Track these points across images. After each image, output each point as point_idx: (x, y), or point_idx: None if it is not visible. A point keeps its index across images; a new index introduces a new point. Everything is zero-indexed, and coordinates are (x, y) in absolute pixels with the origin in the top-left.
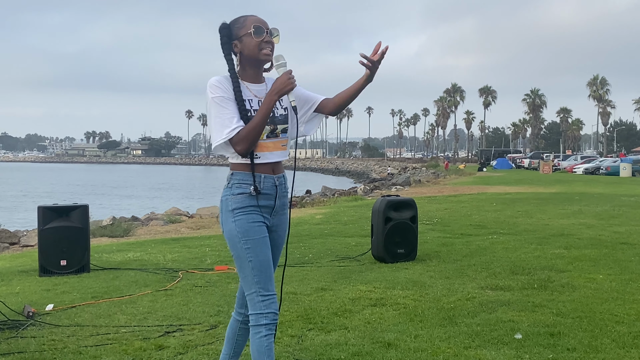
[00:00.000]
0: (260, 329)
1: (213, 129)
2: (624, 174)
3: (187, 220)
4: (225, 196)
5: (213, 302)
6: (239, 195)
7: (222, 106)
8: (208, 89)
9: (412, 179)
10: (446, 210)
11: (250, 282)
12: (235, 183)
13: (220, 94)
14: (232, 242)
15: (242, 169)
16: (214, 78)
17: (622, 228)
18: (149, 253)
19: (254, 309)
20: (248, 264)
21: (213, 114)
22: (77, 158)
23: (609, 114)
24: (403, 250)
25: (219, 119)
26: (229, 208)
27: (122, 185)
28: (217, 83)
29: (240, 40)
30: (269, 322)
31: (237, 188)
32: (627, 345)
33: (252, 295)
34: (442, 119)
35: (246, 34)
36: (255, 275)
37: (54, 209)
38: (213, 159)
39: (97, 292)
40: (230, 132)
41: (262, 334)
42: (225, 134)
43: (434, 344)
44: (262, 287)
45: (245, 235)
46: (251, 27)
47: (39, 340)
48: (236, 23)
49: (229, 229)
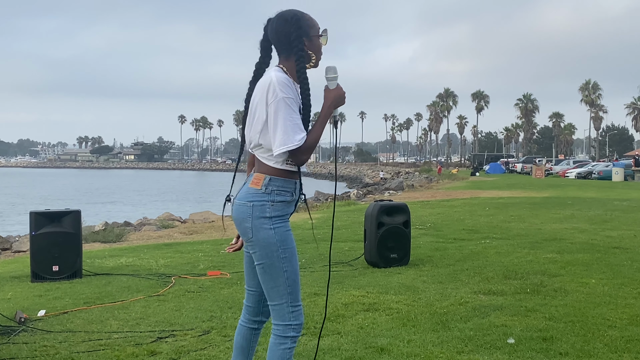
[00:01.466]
0: (286, 340)
1: (282, 131)
2: (616, 178)
3: (180, 226)
4: (261, 202)
5: (206, 307)
6: (280, 202)
7: (292, 109)
8: (278, 87)
9: (405, 183)
10: (439, 214)
11: (283, 292)
12: (274, 190)
13: (291, 95)
14: (267, 250)
15: (282, 175)
16: (283, 75)
17: (615, 232)
18: (142, 258)
19: (282, 319)
20: (283, 274)
21: (282, 115)
22: (69, 163)
23: (601, 118)
24: (396, 255)
25: (289, 123)
26: (265, 215)
27: (115, 191)
28: (288, 82)
29: (310, 40)
30: (296, 334)
31: (278, 195)
32: (619, 350)
33: (283, 305)
34: (434, 124)
35: (316, 36)
36: (289, 285)
37: (45, 214)
38: (206, 164)
39: (89, 297)
40: (301, 140)
41: (286, 346)
42: (297, 141)
43: (426, 349)
44: (294, 297)
45: (284, 245)
46: (320, 29)
47: (31, 346)
48: (304, 19)
49: (267, 236)
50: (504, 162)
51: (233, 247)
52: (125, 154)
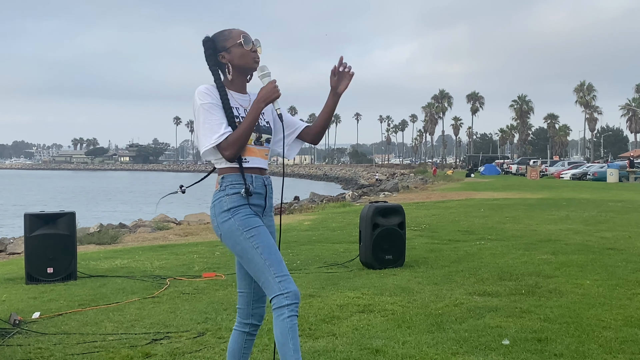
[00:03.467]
0: (283, 310)
1: (201, 134)
2: (610, 179)
3: (175, 227)
4: (219, 198)
5: (201, 309)
6: (234, 195)
7: (210, 112)
8: (196, 96)
9: (400, 185)
10: (434, 216)
11: (262, 267)
12: (227, 185)
13: (209, 101)
14: (233, 238)
15: (231, 172)
16: (203, 86)
17: (609, 234)
18: (137, 260)
19: (272, 291)
20: (255, 251)
21: (201, 120)
22: (64, 165)
23: (595, 120)
24: (391, 257)
25: (207, 125)
26: (223, 208)
27: (110, 192)
28: (206, 90)
29: (228, 51)
30: (291, 302)
31: (231, 189)
32: (613, 351)
33: (268, 279)
34: (430, 125)
35: (235, 45)
36: (266, 259)
37: (40, 216)
38: (201, 166)
39: (84, 299)
40: (219, 137)
41: (285, 315)
42: (214, 139)
43: (421, 350)
44: (276, 269)
45: (246, 226)
46: (239, 37)
47: (26, 348)
48: (220, 36)
49: (228, 225)
50: (499, 163)
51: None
52: (121, 155)
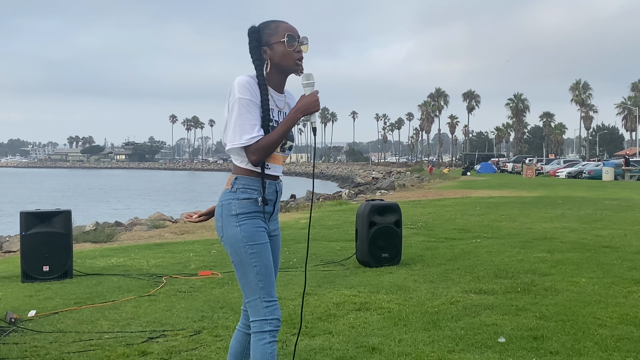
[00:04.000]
0: (264, 335)
1: (232, 129)
2: (606, 177)
3: (171, 226)
4: (228, 200)
5: (197, 307)
6: (245, 200)
7: (247, 109)
8: (236, 88)
9: (397, 183)
10: (430, 214)
11: (254, 288)
12: (240, 188)
13: (248, 97)
14: (235, 247)
15: (247, 174)
16: (244, 78)
17: (605, 232)
18: (133, 258)
19: (257, 315)
20: (252, 269)
21: (235, 114)
22: (60, 163)
23: (591, 118)
24: (387, 255)
25: (240, 122)
26: (231, 212)
27: (106, 191)
28: (247, 84)
29: (270, 47)
30: (273, 328)
31: (243, 193)
32: (609, 349)
33: (256, 301)
34: (426, 124)
35: (278, 42)
36: (260, 280)
37: (36, 214)
38: (197, 164)
39: (80, 298)
40: (249, 140)
41: (265, 341)
42: (244, 140)
43: (417, 348)
44: (266, 292)
45: (251, 240)
46: (284, 35)
47: (22, 346)
48: (267, 28)
49: (232, 233)
50: (494, 161)
51: (191, 218)
52: (117, 153)
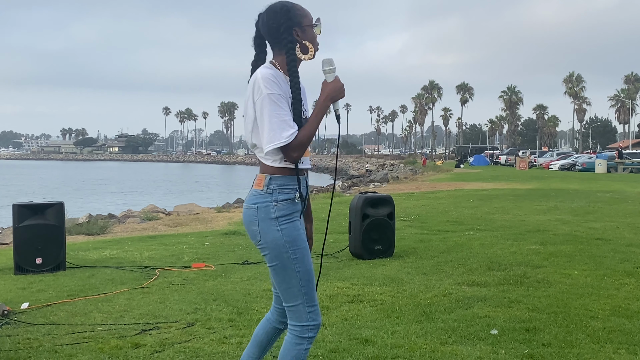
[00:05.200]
0: (303, 341)
1: (267, 129)
2: (599, 170)
3: (165, 218)
4: (265, 203)
5: (190, 299)
6: (283, 201)
7: (279, 105)
8: (262, 83)
9: (390, 175)
10: (423, 206)
11: (297, 293)
12: (276, 189)
13: (277, 91)
14: (276, 252)
15: (282, 173)
16: (267, 71)
17: (598, 224)
18: (126, 251)
19: (299, 320)
20: (295, 274)
21: (268, 112)
22: (53, 155)
23: (584, 110)
24: (380, 247)
25: (275, 119)
26: (271, 216)
27: (99, 183)
28: (273, 78)
29: (302, 30)
30: (313, 335)
31: (280, 194)
32: (601, 340)
33: (298, 306)
34: (419, 116)
35: (309, 25)
36: (303, 286)
37: (29, 206)
38: (191, 156)
39: (73, 290)
40: (290, 137)
41: (303, 347)
42: (285, 138)
43: (410, 340)
44: (309, 298)
45: (294, 245)
46: (312, 18)
47: (14, 339)
48: (295, 9)
49: (274, 237)
50: (488, 154)
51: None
52: (110, 145)
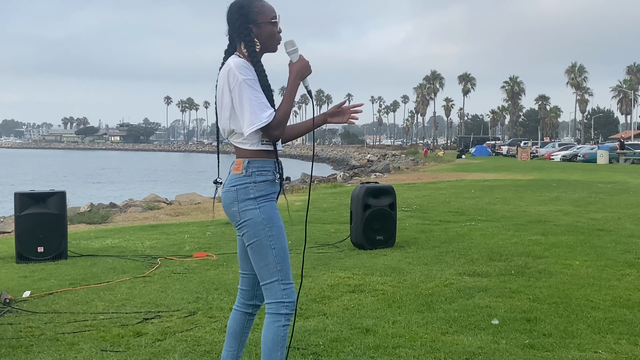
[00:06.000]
0: (280, 318)
1: (249, 112)
2: (601, 161)
3: (166, 207)
4: (243, 184)
5: (192, 288)
6: (262, 182)
7: (255, 89)
8: (237, 71)
9: (392, 166)
10: (425, 197)
11: (272, 270)
12: (255, 171)
13: (251, 77)
14: (254, 230)
15: (260, 156)
16: (238, 59)
17: (599, 215)
18: (127, 240)
19: (274, 297)
20: (271, 251)
21: (246, 96)
22: (54, 144)
23: (586, 101)
24: (382, 237)
25: (255, 102)
26: (249, 196)
27: (100, 172)
28: (246, 65)
29: (258, 27)
30: (289, 311)
31: (259, 175)
32: (602, 331)
33: (274, 283)
34: (421, 106)
35: (267, 22)
36: (278, 263)
37: (30, 195)
38: (192, 146)
39: (74, 279)
40: (269, 116)
41: (280, 323)
42: (265, 118)
43: (411, 330)
44: (284, 275)
45: (270, 222)
46: (272, 14)
47: (16, 327)
48: (253, 6)
49: (253, 215)
50: (490, 144)
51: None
52: (111, 135)
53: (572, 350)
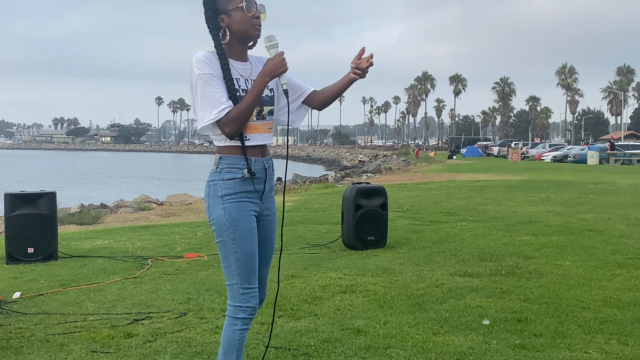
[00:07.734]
0: (237, 322)
1: (200, 108)
2: (591, 161)
3: (157, 208)
4: (214, 181)
5: (182, 289)
6: (229, 180)
7: (209, 84)
8: (194, 65)
9: (383, 166)
10: (416, 197)
11: (233, 273)
12: (224, 167)
13: (208, 71)
14: (219, 230)
15: (231, 152)
16: (201, 53)
17: (589, 215)
18: (118, 241)
19: (233, 300)
20: (233, 254)
21: (200, 92)
22: (44, 145)
23: (577, 102)
24: (373, 238)
25: (206, 98)
26: (217, 194)
27: (91, 173)
28: (205, 59)
29: (228, 15)
30: (247, 316)
31: (227, 173)
32: (592, 331)
33: (234, 286)
34: (412, 107)
35: (236, 8)
36: (239, 267)
37: (20, 196)
38: (183, 146)
39: (65, 280)
40: (219, 113)
41: (236, 327)
42: (214, 114)
43: (402, 330)
44: (245, 279)
45: (234, 225)
46: (242, 1)
47: (6, 328)
48: None
49: (217, 215)
50: (481, 145)
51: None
52: (102, 135)
53: (563, 351)
